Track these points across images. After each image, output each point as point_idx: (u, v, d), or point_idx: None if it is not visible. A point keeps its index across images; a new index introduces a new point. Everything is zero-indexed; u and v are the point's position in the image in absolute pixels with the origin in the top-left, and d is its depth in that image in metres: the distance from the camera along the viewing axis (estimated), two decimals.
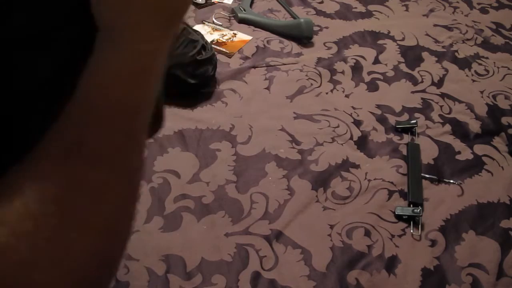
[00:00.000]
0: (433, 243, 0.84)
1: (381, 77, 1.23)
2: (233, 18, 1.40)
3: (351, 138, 1.03)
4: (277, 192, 0.90)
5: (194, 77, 1.07)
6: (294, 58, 1.26)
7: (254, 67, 1.21)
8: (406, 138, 1.05)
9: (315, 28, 1.37)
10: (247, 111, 1.08)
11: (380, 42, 1.36)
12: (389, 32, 1.41)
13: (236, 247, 0.80)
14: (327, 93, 1.16)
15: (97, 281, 0.31)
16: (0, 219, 0.27)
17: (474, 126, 1.10)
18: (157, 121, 0.51)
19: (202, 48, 1.10)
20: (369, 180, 0.94)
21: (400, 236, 0.84)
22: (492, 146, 1.06)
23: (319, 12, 1.47)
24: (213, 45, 1.22)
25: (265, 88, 1.15)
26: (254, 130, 1.03)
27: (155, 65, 0.31)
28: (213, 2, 1.47)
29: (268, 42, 1.31)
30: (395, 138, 1.05)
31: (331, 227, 0.85)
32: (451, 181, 0.96)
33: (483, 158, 1.02)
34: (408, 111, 1.12)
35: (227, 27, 1.36)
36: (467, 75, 1.27)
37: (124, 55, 0.30)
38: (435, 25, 1.47)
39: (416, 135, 1.05)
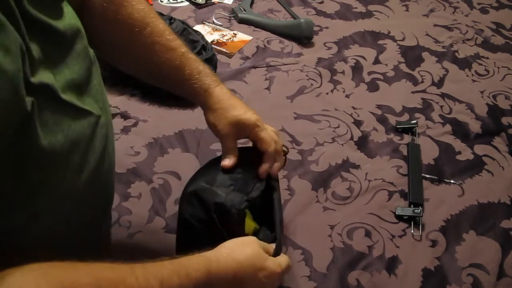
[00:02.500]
0: (434, 243, 0.84)
1: (381, 77, 1.23)
2: (233, 18, 1.40)
3: (352, 138, 1.03)
4: None
5: None
6: (294, 58, 1.26)
7: (255, 67, 1.21)
8: (407, 138, 1.05)
9: (315, 28, 1.37)
10: None
11: (380, 42, 1.36)
12: (389, 32, 1.41)
13: None
14: (327, 93, 1.16)
15: None
16: None
17: (475, 126, 1.10)
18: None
19: (202, 48, 1.10)
20: (369, 181, 0.94)
21: (400, 236, 0.84)
22: (492, 146, 1.06)
23: (319, 12, 1.47)
24: (213, 45, 1.22)
25: (266, 88, 1.15)
26: None
27: None
28: (213, 2, 1.47)
29: (268, 42, 1.31)
30: (396, 138, 1.05)
31: (332, 227, 0.84)
32: (452, 181, 0.96)
33: (484, 158, 1.02)
34: (409, 111, 1.12)
35: (227, 27, 1.36)
36: (467, 75, 1.27)
37: None
38: (435, 25, 1.47)
39: (417, 135, 1.05)
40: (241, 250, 0.55)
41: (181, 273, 0.47)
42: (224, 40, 1.30)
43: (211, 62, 1.11)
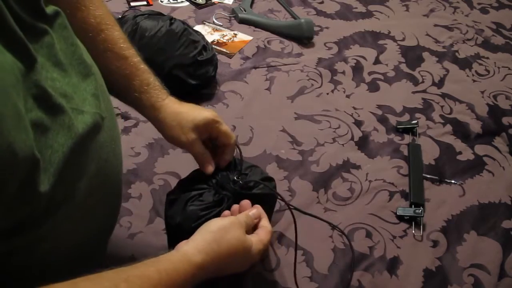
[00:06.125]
0: (435, 243, 0.84)
1: (382, 77, 1.23)
2: (233, 18, 1.40)
3: (352, 138, 1.03)
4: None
5: (195, 78, 1.07)
6: (294, 59, 1.26)
7: (255, 67, 1.21)
8: (407, 138, 1.05)
9: (316, 28, 1.37)
10: (248, 112, 1.08)
11: (380, 42, 1.36)
12: (389, 32, 1.41)
13: None
14: (327, 94, 1.15)
15: None
16: None
17: (475, 126, 1.10)
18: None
19: (203, 48, 1.10)
20: (370, 181, 0.94)
21: (401, 237, 0.84)
22: (493, 146, 1.06)
23: (319, 12, 1.47)
24: (213, 46, 1.22)
25: (266, 89, 1.15)
26: (255, 131, 1.02)
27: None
28: (214, 3, 1.47)
29: (268, 42, 1.31)
30: (396, 139, 1.05)
31: (333, 228, 0.84)
32: (453, 181, 0.96)
33: (484, 158, 1.02)
34: (409, 111, 1.12)
35: (227, 28, 1.36)
36: (467, 75, 1.27)
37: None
38: (436, 25, 1.47)
39: (417, 136, 1.05)
40: (224, 239, 0.55)
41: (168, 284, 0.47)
42: (225, 40, 1.30)
43: (212, 62, 1.11)
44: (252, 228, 0.62)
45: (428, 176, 0.95)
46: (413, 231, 0.85)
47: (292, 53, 1.28)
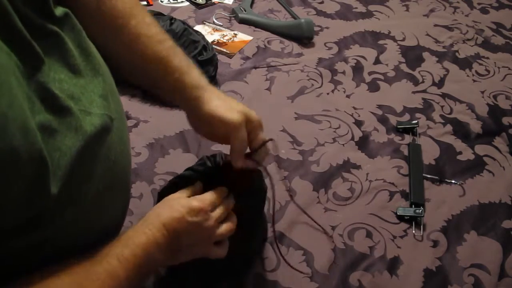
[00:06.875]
0: (435, 243, 0.84)
1: (382, 77, 1.23)
2: (233, 18, 1.40)
3: (352, 138, 1.03)
4: (278, 193, 0.89)
5: None
6: (295, 59, 1.26)
7: (255, 67, 1.21)
8: (407, 138, 1.05)
9: (316, 28, 1.37)
10: None
11: (380, 42, 1.36)
12: (389, 32, 1.41)
13: None
14: (328, 94, 1.15)
15: None
16: None
17: (475, 126, 1.10)
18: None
19: (203, 48, 1.10)
20: (370, 181, 0.94)
21: (402, 237, 0.84)
22: (493, 146, 1.06)
23: (319, 12, 1.47)
24: (213, 46, 1.22)
25: (266, 89, 1.15)
26: None
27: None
28: (214, 3, 1.47)
29: (268, 42, 1.31)
30: (396, 139, 1.05)
31: (333, 228, 0.84)
32: (453, 181, 0.96)
33: (484, 158, 1.02)
34: (409, 111, 1.12)
35: (227, 28, 1.36)
36: (467, 75, 1.27)
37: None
38: (436, 25, 1.47)
39: (417, 136, 1.05)
40: (163, 206, 0.57)
41: (129, 244, 0.51)
42: (225, 40, 1.30)
43: (212, 62, 1.11)
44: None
45: (428, 176, 0.95)
46: (413, 231, 0.85)
47: (292, 53, 1.28)
